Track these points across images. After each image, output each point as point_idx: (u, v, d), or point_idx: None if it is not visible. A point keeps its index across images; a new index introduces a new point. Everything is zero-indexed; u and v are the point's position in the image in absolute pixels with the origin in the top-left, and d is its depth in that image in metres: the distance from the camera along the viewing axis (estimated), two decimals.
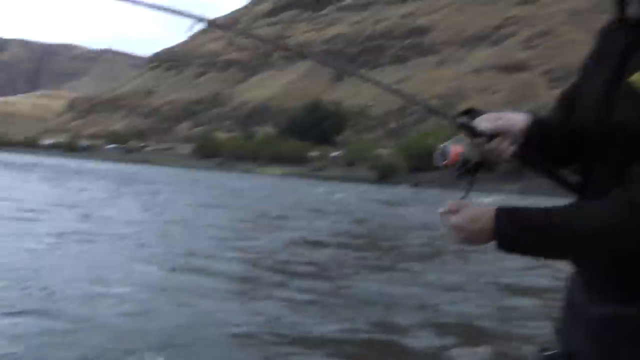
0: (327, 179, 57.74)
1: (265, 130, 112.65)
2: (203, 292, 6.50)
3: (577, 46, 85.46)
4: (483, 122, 1.36)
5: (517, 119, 1.40)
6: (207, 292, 6.58)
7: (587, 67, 1.39)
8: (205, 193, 25.74)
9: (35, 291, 5.93)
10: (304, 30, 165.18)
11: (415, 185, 48.06)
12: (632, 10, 1.26)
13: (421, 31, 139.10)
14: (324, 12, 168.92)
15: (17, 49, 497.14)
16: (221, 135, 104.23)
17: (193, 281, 7.14)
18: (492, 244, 1.26)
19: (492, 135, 1.35)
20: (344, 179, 54.76)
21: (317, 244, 11.14)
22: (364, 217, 18.08)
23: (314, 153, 76.56)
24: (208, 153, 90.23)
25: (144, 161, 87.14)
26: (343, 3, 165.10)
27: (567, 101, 1.46)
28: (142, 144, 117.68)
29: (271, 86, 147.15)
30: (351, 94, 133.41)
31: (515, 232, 1.23)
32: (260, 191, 29.57)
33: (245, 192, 28.34)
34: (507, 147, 1.36)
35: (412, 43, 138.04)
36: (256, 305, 6.09)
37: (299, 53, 1.87)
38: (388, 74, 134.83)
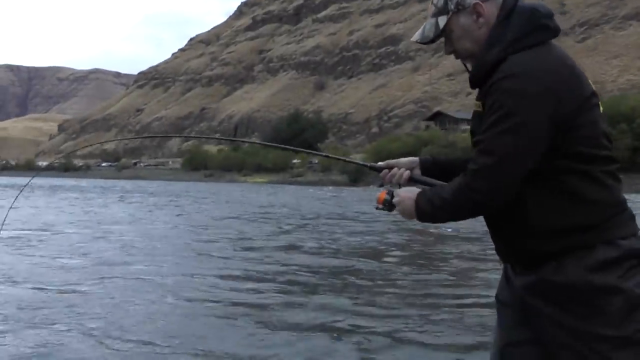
0: (305, 184, 63.40)
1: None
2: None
3: None
4: (379, 163, 2.12)
5: (403, 159, 2.10)
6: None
7: None
8: (193, 204, 29.28)
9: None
10: (283, 43, 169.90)
11: (381, 185, 52.96)
12: (469, 67, 1.94)
13: (395, 39, 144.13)
14: (301, 24, 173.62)
15: (4, 74, 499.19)
16: (210, 148, 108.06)
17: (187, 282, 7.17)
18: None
19: (389, 168, 2.06)
20: (318, 183, 60.26)
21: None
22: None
23: (295, 161, 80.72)
24: (197, 166, 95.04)
25: (136, 177, 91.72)
26: (319, 15, 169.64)
27: None
28: (134, 161, 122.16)
29: (255, 99, 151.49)
30: (332, 102, 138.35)
31: (428, 211, 1.83)
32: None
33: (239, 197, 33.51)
34: (403, 173, 2.04)
35: (387, 51, 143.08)
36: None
37: None
38: (366, 82, 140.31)
